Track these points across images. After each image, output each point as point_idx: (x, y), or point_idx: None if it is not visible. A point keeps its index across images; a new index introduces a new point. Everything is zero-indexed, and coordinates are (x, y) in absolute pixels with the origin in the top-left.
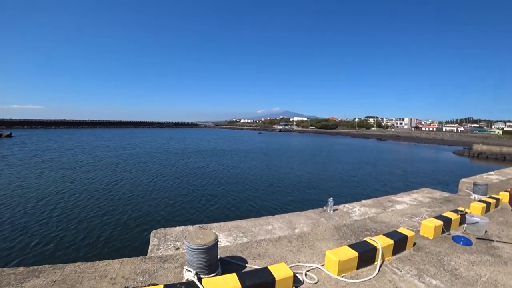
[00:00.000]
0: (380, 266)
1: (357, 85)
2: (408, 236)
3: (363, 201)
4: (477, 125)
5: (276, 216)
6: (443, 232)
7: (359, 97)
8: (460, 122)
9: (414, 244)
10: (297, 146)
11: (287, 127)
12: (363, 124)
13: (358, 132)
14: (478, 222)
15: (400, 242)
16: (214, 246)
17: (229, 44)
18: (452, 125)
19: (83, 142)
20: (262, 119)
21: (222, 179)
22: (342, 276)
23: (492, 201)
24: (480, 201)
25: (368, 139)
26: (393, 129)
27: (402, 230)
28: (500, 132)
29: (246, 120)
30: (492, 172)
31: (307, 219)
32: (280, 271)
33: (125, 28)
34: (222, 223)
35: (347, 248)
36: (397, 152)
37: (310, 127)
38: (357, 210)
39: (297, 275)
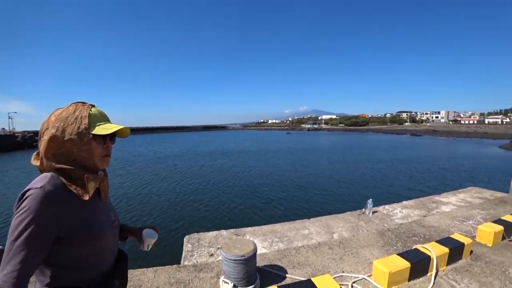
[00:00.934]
0: (435, 278)
1: (387, 79)
2: (465, 243)
3: (404, 202)
4: None
5: (311, 219)
6: (503, 238)
7: (390, 92)
8: (505, 113)
9: (471, 252)
10: (326, 145)
11: (315, 126)
12: (395, 119)
13: (390, 128)
14: None
15: (455, 250)
16: (253, 256)
17: (260, 45)
18: (496, 116)
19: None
20: (290, 119)
21: (250, 181)
22: None
23: None
24: None
25: (402, 134)
26: (428, 123)
27: (457, 236)
28: None
29: (274, 121)
30: None
31: (345, 222)
32: (324, 284)
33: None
34: (256, 228)
35: (397, 257)
36: (434, 147)
37: (340, 125)
38: (399, 212)
39: (343, 287)
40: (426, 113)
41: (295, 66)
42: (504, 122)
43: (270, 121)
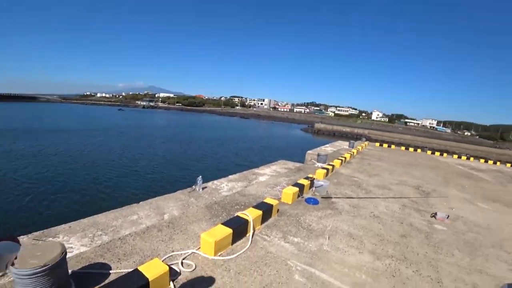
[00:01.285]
0: (252, 237)
1: (223, 65)
2: (273, 204)
3: (230, 176)
4: (318, 108)
5: (141, 203)
6: (298, 196)
7: (226, 77)
8: (307, 105)
9: (278, 210)
10: (161, 124)
11: (151, 104)
12: (229, 103)
13: (223, 110)
14: (322, 185)
15: (267, 211)
16: (62, 262)
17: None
18: (301, 107)
19: None
20: (124, 94)
21: (69, 168)
22: (219, 255)
23: (330, 167)
24: (322, 168)
25: (233, 117)
26: (254, 109)
27: (268, 200)
28: (332, 114)
29: (104, 95)
30: (327, 145)
31: (176, 201)
32: (153, 269)
33: None
34: (72, 223)
35: (221, 226)
36: (257, 129)
37: (177, 104)
38: (225, 186)
39: (173, 266)
40: (254, 100)
41: (131, 38)
42: (305, 112)
43: (99, 95)
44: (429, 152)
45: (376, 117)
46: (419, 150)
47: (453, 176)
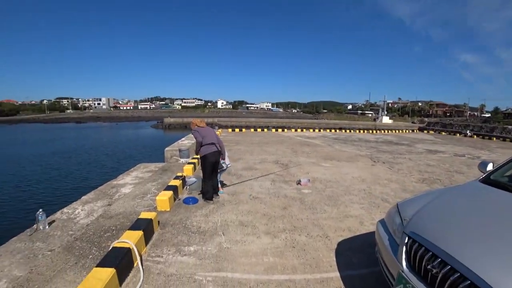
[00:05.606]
0: (142, 265)
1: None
2: (152, 218)
3: (84, 197)
4: (164, 102)
5: None
6: (175, 200)
7: (45, 76)
8: (151, 100)
9: (159, 222)
10: None
11: None
12: (55, 106)
13: (50, 117)
14: (195, 181)
15: (148, 229)
16: None
17: None
18: (145, 103)
19: None
20: None
21: None
22: None
23: (196, 161)
24: (189, 163)
25: (66, 123)
26: (91, 110)
27: (144, 214)
28: (179, 107)
29: None
30: (183, 138)
31: (13, 256)
32: None
33: None
34: None
35: (98, 270)
36: (100, 134)
37: None
38: (81, 211)
39: None
40: (89, 100)
41: None
42: (151, 108)
43: None
44: (273, 130)
45: (221, 105)
46: (265, 130)
47: (297, 147)
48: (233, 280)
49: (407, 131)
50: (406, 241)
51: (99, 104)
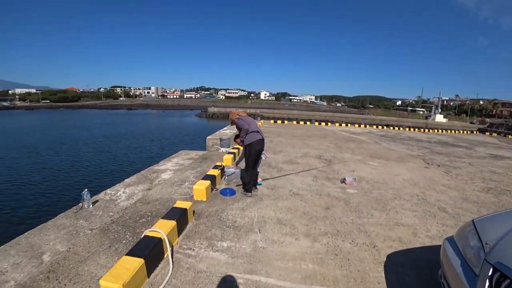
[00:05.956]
0: (173, 257)
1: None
2: (187, 208)
3: (127, 180)
4: (208, 92)
5: (2, 247)
6: (212, 190)
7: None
8: (197, 90)
9: (194, 212)
10: (23, 130)
11: (5, 104)
12: (110, 94)
13: (105, 103)
14: (234, 172)
15: (182, 218)
16: None
17: None
18: (191, 92)
19: None
20: None
21: None
22: None
23: (236, 151)
24: (229, 153)
25: (118, 109)
26: (141, 98)
27: (179, 203)
28: (223, 97)
29: None
30: (225, 128)
31: (58, 230)
32: None
33: None
34: None
35: (127, 258)
36: (147, 120)
37: (43, 102)
38: (122, 194)
39: None
40: (139, 88)
41: None
42: (196, 97)
43: None
44: (316, 123)
45: (264, 97)
46: (308, 123)
47: (342, 142)
48: (267, 286)
49: (465, 131)
50: (490, 273)
51: (148, 92)
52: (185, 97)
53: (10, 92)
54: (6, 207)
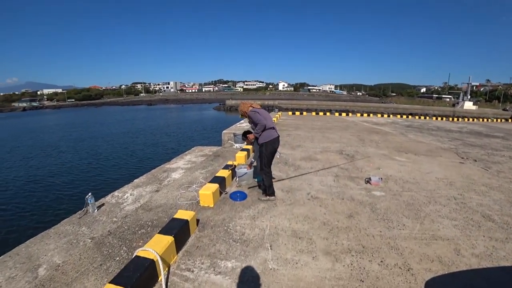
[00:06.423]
0: (167, 282)
1: (120, 52)
2: (188, 219)
3: (136, 181)
4: (226, 85)
5: (2, 257)
6: (221, 194)
7: (122, 64)
8: (215, 83)
9: (198, 222)
10: (48, 128)
11: (34, 104)
12: (131, 91)
13: (127, 100)
14: (246, 172)
15: (181, 233)
16: None
17: None
18: (209, 86)
19: None
20: None
21: None
22: None
23: (250, 147)
24: (242, 150)
25: (138, 105)
26: (161, 93)
27: (180, 213)
28: (241, 89)
29: None
30: (242, 121)
31: (59, 239)
32: None
33: None
34: None
35: (109, 286)
36: (167, 115)
37: (69, 100)
38: (130, 196)
39: None
40: (159, 84)
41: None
42: (214, 90)
43: None
44: (336, 114)
45: (283, 88)
46: (328, 113)
47: (364, 134)
48: None
49: (498, 120)
50: None
51: (167, 87)
52: (203, 90)
53: (38, 92)
54: (19, 209)
